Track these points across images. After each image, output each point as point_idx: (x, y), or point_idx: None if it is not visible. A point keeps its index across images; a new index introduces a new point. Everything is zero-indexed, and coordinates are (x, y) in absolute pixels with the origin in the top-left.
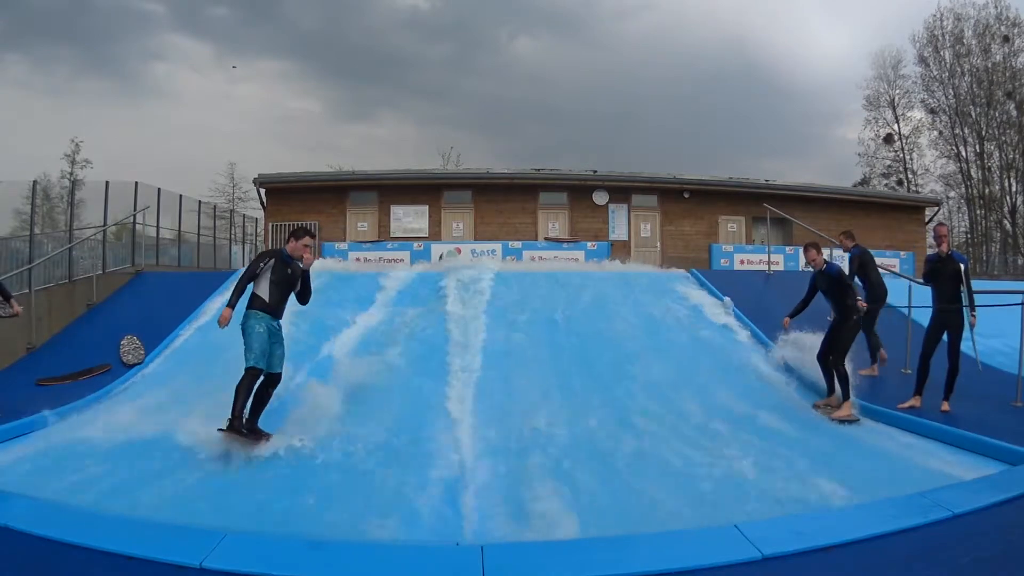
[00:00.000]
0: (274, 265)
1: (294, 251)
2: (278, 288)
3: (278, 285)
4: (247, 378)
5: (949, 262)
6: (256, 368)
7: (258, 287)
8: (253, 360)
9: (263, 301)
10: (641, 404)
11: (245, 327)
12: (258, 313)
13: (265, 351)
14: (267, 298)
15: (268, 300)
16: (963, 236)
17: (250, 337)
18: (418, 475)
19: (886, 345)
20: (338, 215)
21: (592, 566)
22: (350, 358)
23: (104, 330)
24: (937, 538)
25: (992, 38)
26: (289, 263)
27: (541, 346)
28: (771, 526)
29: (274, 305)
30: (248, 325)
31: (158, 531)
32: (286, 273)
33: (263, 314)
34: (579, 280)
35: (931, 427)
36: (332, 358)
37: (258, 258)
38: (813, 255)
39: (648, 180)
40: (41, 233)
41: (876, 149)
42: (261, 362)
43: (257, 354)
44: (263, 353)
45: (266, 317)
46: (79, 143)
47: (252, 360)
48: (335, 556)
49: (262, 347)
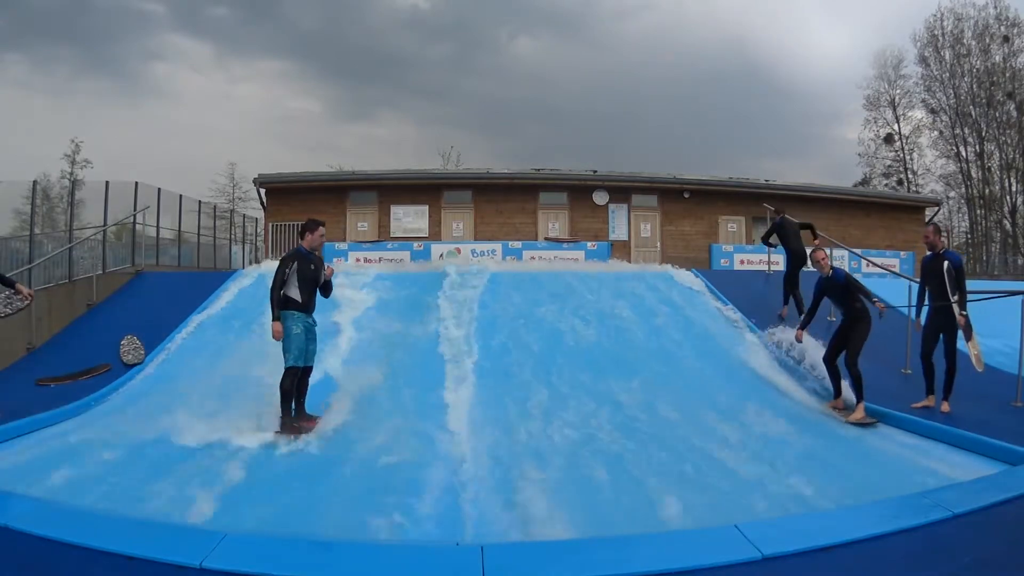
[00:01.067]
0: (298, 266)
1: (312, 244)
2: (306, 286)
3: (305, 283)
4: (288, 378)
5: (938, 260)
6: (296, 367)
7: (288, 290)
8: (292, 360)
9: (296, 302)
10: (642, 404)
11: (282, 329)
12: (293, 314)
13: (303, 349)
14: (299, 298)
15: (300, 300)
16: (963, 236)
17: (288, 340)
18: (418, 475)
19: (886, 345)
20: (338, 215)
21: (592, 566)
22: (344, 363)
23: (104, 330)
24: (937, 538)
25: (992, 38)
26: (310, 259)
27: (542, 346)
28: (771, 526)
29: (306, 303)
30: (285, 327)
31: (158, 531)
32: (310, 270)
33: (298, 314)
34: (579, 280)
35: (931, 427)
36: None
37: (282, 264)
38: (822, 257)
39: (648, 180)
40: (41, 233)
41: (876, 149)
42: (300, 361)
43: (296, 354)
44: (301, 352)
45: (301, 316)
46: (79, 143)
47: (291, 360)
48: (335, 556)
49: (300, 347)
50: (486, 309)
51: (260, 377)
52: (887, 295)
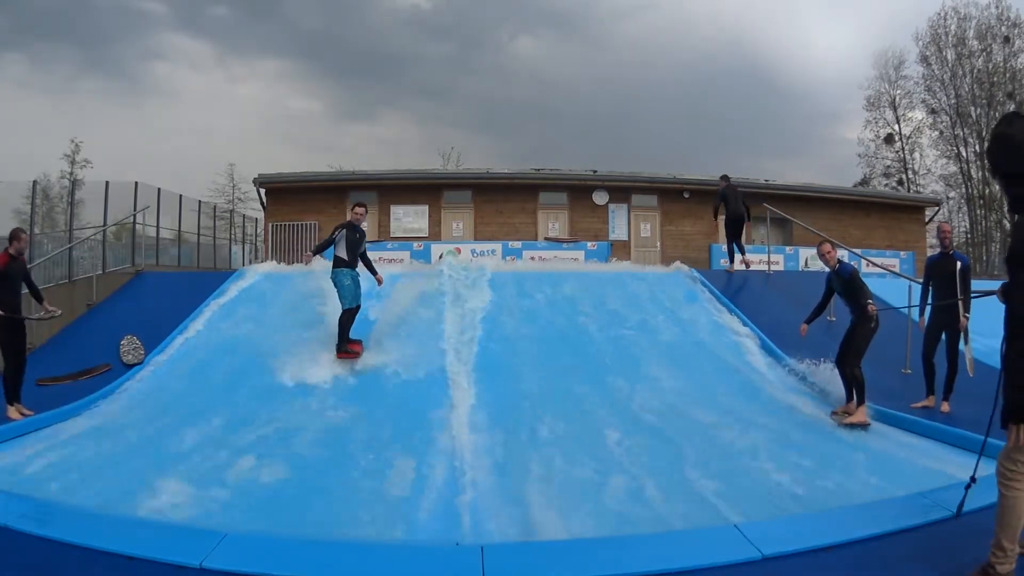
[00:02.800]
0: (346, 233)
1: (354, 218)
2: (351, 248)
3: (351, 246)
4: (346, 315)
5: (947, 262)
6: (352, 308)
7: (338, 250)
8: (349, 303)
9: (343, 260)
10: (643, 405)
11: (336, 280)
12: (343, 270)
13: (355, 294)
14: (346, 256)
15: (347, 258)
16: (963, 236)
17: (342, 288)
18: (418, 476)
19: (886, 345)
20: (338, 215)
21: (592, 566)
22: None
23: (104, 330)
24: (937, 538)
25: (993, 39)
26: (356, 228)
27: (542, 345)
28: (771, 526)
29: (351, 260)
30: (338, 279)
31: (158, 531)
32: (355, 236)
33: (347, 269)
34: (578, 280)
35: (931, 427)
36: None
37: (333, 230)
38: (828, 249)
39: (648, 180)
40: (41, 233)
41: (876, 149)
42: (353, 303)
43: (350, 298)
44: (353, 296)
45: (349, 271)
46: (79, 143)
47: (348, 303)
48: (335, 556)
49: (352, 293)
50: (490, 307)
51: (260, 375)
52: (887, 295)
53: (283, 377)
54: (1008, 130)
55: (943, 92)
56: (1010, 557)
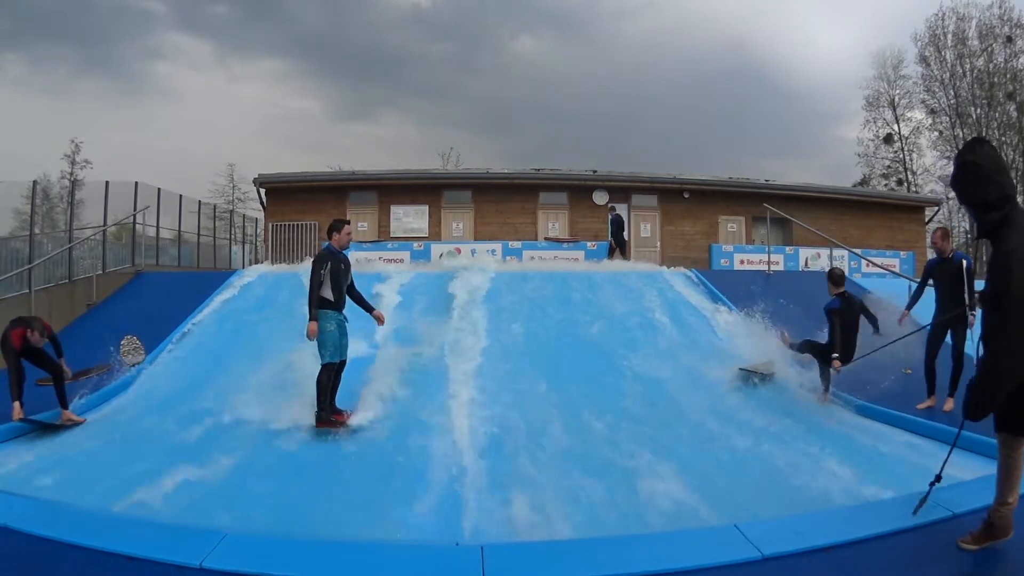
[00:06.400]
0: (331, 267)
1: (340, 242)
2: (338, 285)
3: (337, 282)
4: (324, 373)
5: (950, 263)
6: (332, 363)
7: (322, 290)
8: (328, 357)
9: (329, 301)
10: (644, 403)
11: (317, 326)
12: (327, 312)
13: (338, 346)
14: (331, 297)
15: (333, 299)
16: (963, 236)
17: (323, 334)
18: (418, 476)
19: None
20: (338, 215)
21: (592, 566)
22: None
23: (104, 330)
24: (937, 538)
25: (995, 39)
26: (340, 257)
27: (542, 345)
28: (771, 526)
29: (338, 300)
30: (320, 326)
31: (158, 531)
32: (340, 269)
33: (332, 312)
34: (578, 280)
35: (931, 427)
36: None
37: (316, 267)
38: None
39: (648, 180)
40: (41, 233)
41: (876, 149)
42: (336, 357)
43: (331, 351)
44: (336, 348)
45: (334, 314)
46: (79, 143)
47: (328, 357)
48: (335, 556)
49: (335, 343)
50: (490, 307)
51: (259, 377)
52: (887, 295)
53: (283, 377)
54: (973, 158)
55: (942, 92)
56: (1011, 506)
